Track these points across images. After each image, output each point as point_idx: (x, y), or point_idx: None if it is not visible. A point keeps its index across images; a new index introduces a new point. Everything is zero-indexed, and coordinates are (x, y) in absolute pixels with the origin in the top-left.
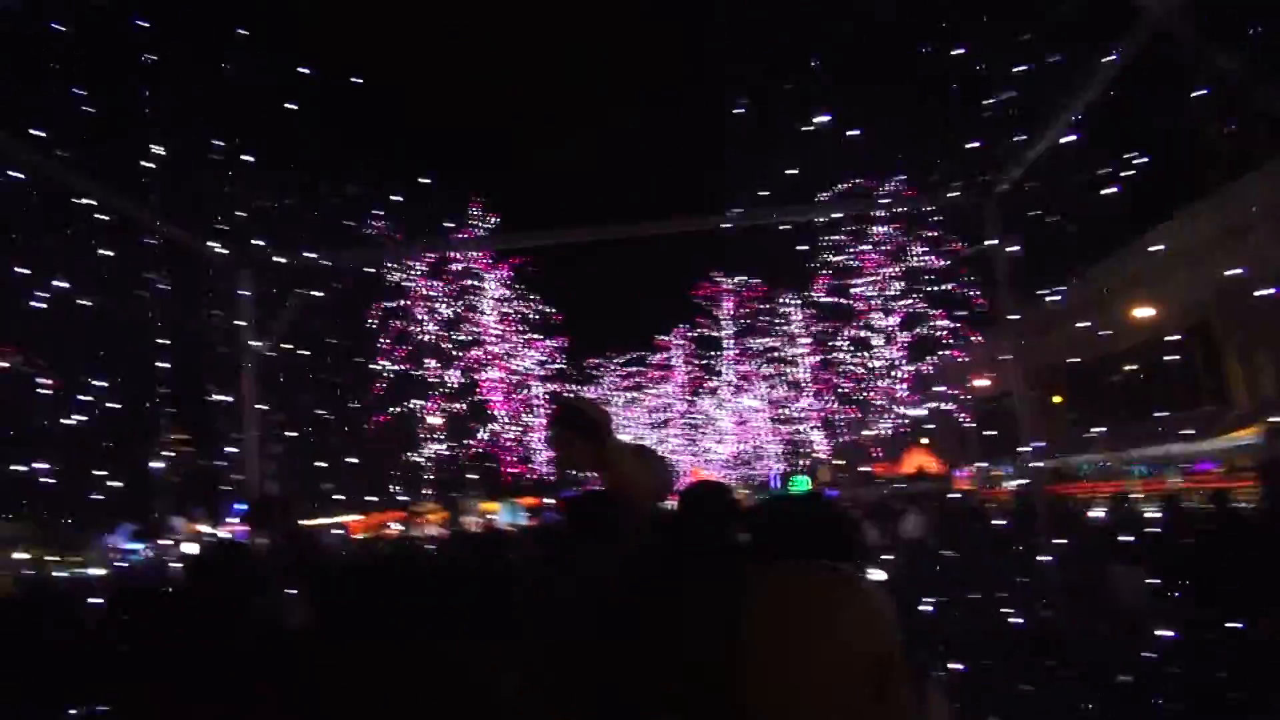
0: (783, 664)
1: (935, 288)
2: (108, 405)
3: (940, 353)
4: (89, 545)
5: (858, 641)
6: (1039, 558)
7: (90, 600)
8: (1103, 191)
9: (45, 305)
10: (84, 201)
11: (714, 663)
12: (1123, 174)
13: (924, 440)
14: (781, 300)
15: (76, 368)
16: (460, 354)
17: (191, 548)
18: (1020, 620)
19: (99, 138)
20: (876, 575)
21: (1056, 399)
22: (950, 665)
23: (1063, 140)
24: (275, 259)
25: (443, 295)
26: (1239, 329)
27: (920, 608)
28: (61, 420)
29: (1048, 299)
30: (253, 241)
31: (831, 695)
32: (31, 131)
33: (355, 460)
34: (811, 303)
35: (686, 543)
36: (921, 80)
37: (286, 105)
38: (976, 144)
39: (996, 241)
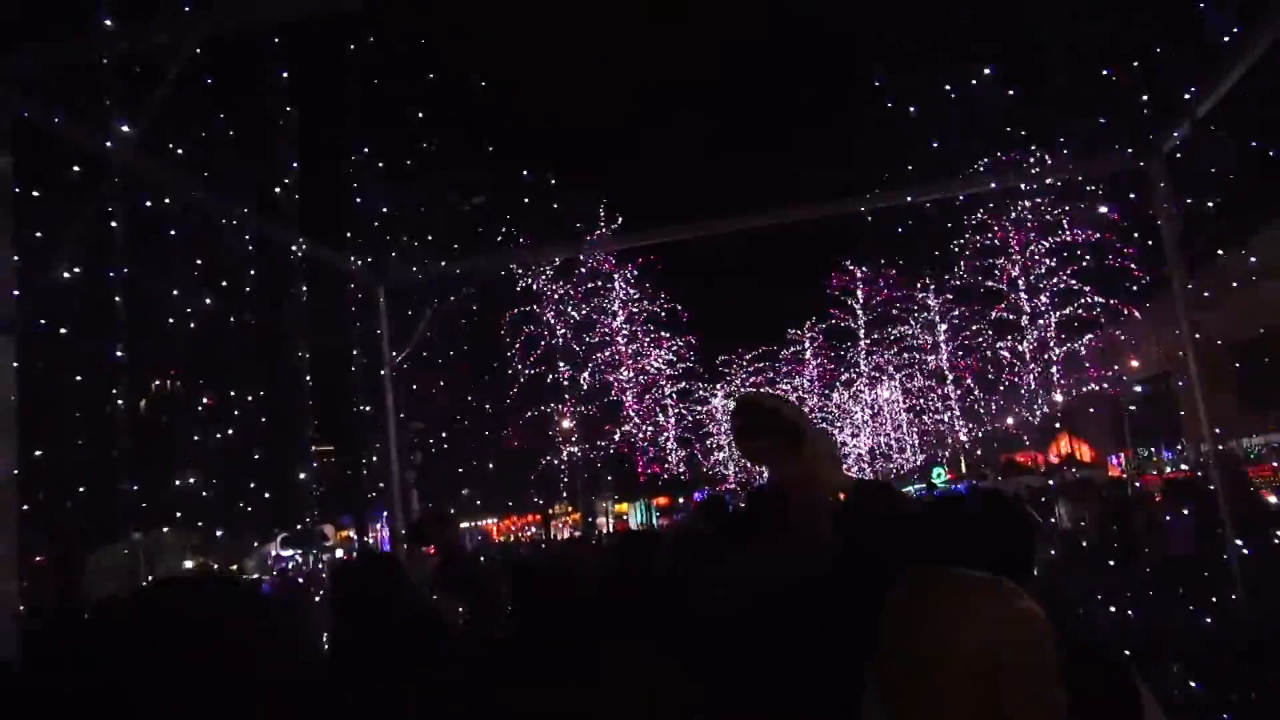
0: (902, 667)
1: (1088, 261)
2: (257, 420)
3: (1093, 332)
4: (248, 554)
5: (966, 646)
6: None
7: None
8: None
9: (193, 324)
10: (227, 221)
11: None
12: None
13: (1071, 426)
14: (919, 286)
15: (226, 385)
16: (591, 355)
17: (340, 554)
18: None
19: (237, 156)
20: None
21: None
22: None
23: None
24: (410, 270)
25: (571, 297)
26: None
27: (1094, 608)
28: (216, 435)
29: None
30: (389, 255)
31: (942, 702)
32: (172, 149)
33: (492, 465)
34: (951, 287)
35: (850, 545)
36: (1071, 32)
37: (408, 115)
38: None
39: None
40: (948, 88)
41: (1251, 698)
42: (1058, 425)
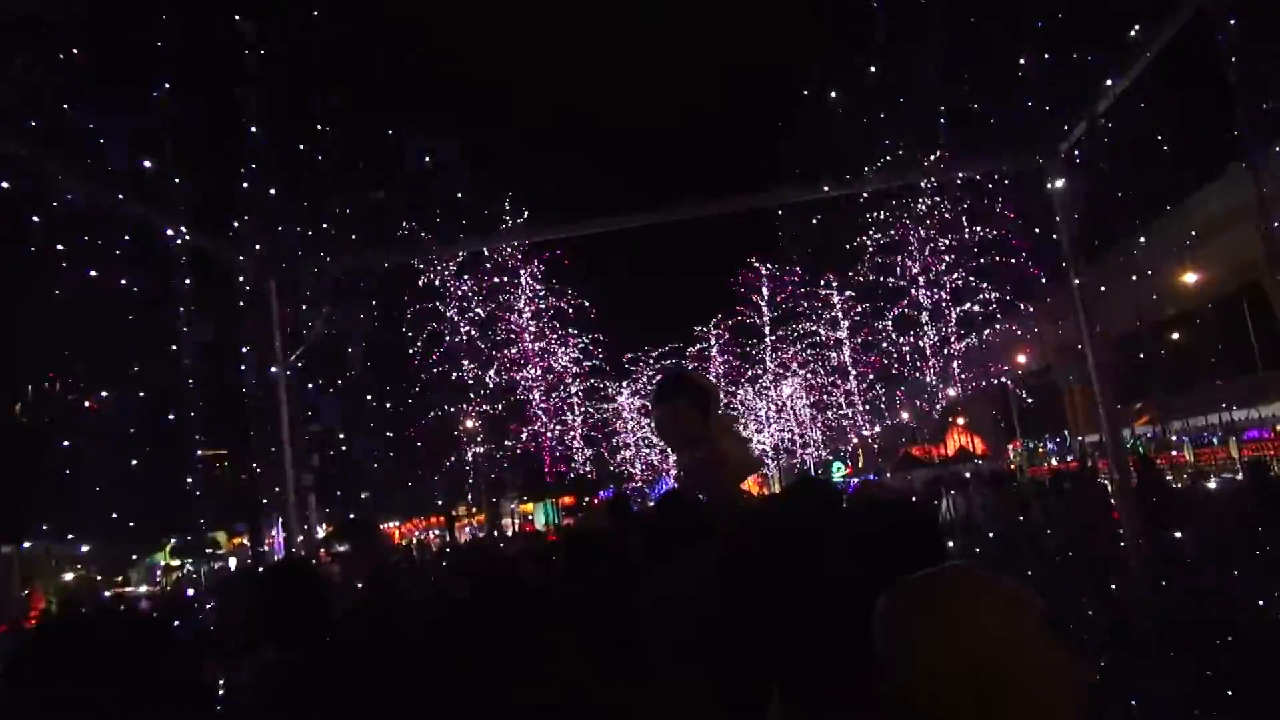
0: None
1: (982, 260)
2: (142, 423)
3: (986, 329)
4: (134, 565)
5: (944, 651)
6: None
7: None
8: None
9: (66, 318)
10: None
11: None
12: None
13: (962, 420)
14: (822, 283)
15: (107, 386)
16: (496, 353)
17: (232, 563)
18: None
19: (115, 137)
20: None
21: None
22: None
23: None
24: (304, 265)
25: (476, 293)
26: None
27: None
28: (99, 441)
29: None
30: (281, 247)
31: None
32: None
33: (394, 467)
34: (852, 284)
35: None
36: (972, 35)
37: (307, 102)
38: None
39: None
40: (852, 85)
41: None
42: (949, 420)
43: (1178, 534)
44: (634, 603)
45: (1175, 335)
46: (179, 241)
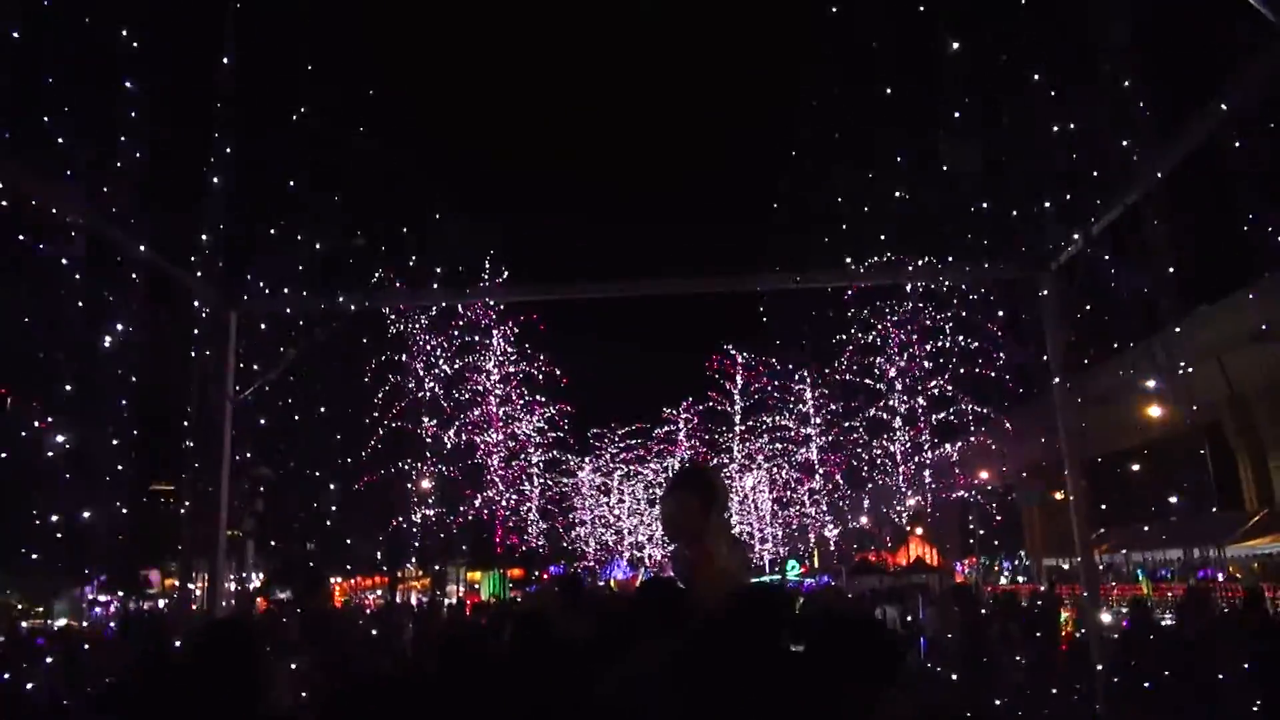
0: None
1: (962, 370)
2: (84, 448)
3: (957, 440)
4: (59, 595)
5: None
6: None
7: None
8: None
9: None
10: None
11: None
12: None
13: (920, 530)
14: (796, 377)
15: (52, 406)
16: (459, 413)
17: (162, 603)
18: None
19: (80, 153)
20: None
21: (1058, 495)
22: None
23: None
24: (268, 298)
25: (444, 349)
26: (1251, 432)
27: None
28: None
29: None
30: (243, 279)
31: None
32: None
33: (340, 521)
34: (827, 381)
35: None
36: (972, 144)
37: (287, 132)
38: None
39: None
40: (847, 176)
41: None
42: (907, 529)
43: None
44: (584, 687)
45: (1136, 467)
46: (136, 260)
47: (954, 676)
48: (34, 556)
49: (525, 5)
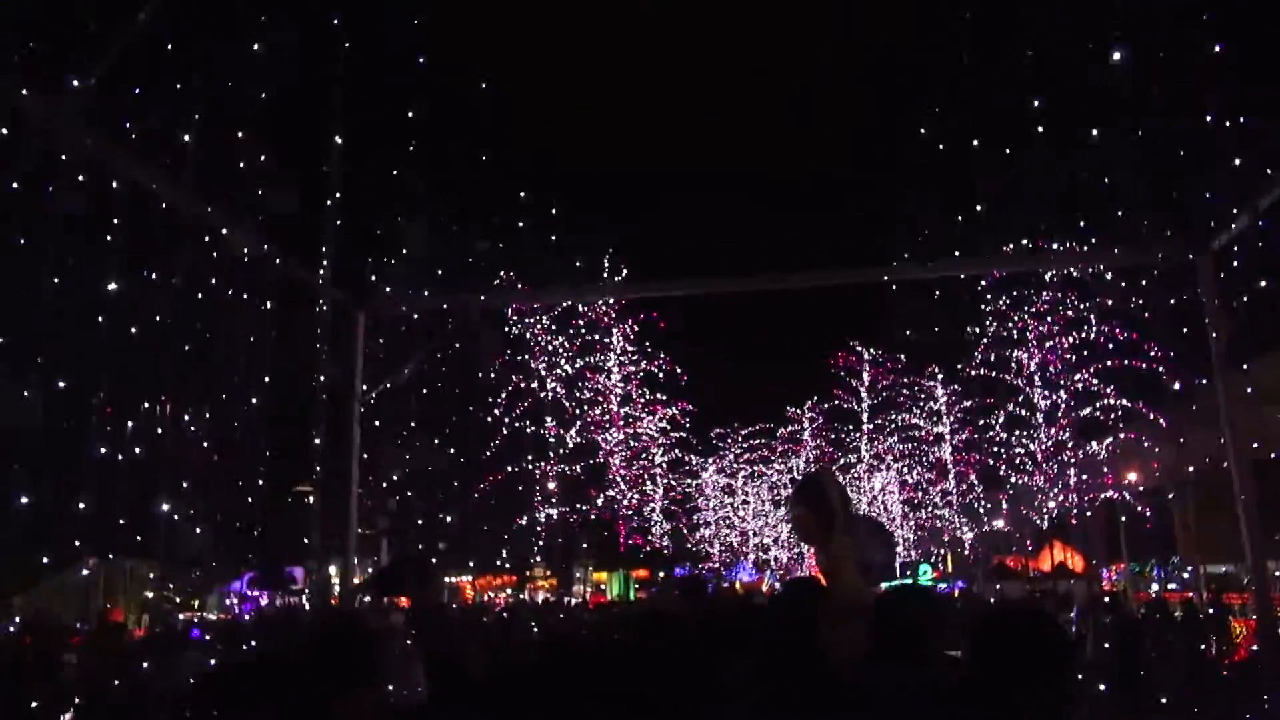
0: None
1: (1108, 362)
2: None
3: (1104, 438)
4: (209, 590)
5: None
6: None
7: None
8: None
9: (164, 335)
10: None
11: None
12: None
13: (1062, 534)
14: (926, 374)
15: (201, 408)
16: (581, 412)
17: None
18: None
19: (216, 164)
20: None
21: (1215, 498)
22: None
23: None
24: (394, 301)
25: (566, 349)
26: None
27: None
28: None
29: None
30: (372, 282)
31: None
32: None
33: (467, 519)
34: (960, 377)
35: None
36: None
37: (413, 136)
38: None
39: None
40: (988, 161)
41: None
42: (1047, 531)
43: None
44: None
45: None
46: (268, 264)
47: (1101, 687)
48: (185, 553)
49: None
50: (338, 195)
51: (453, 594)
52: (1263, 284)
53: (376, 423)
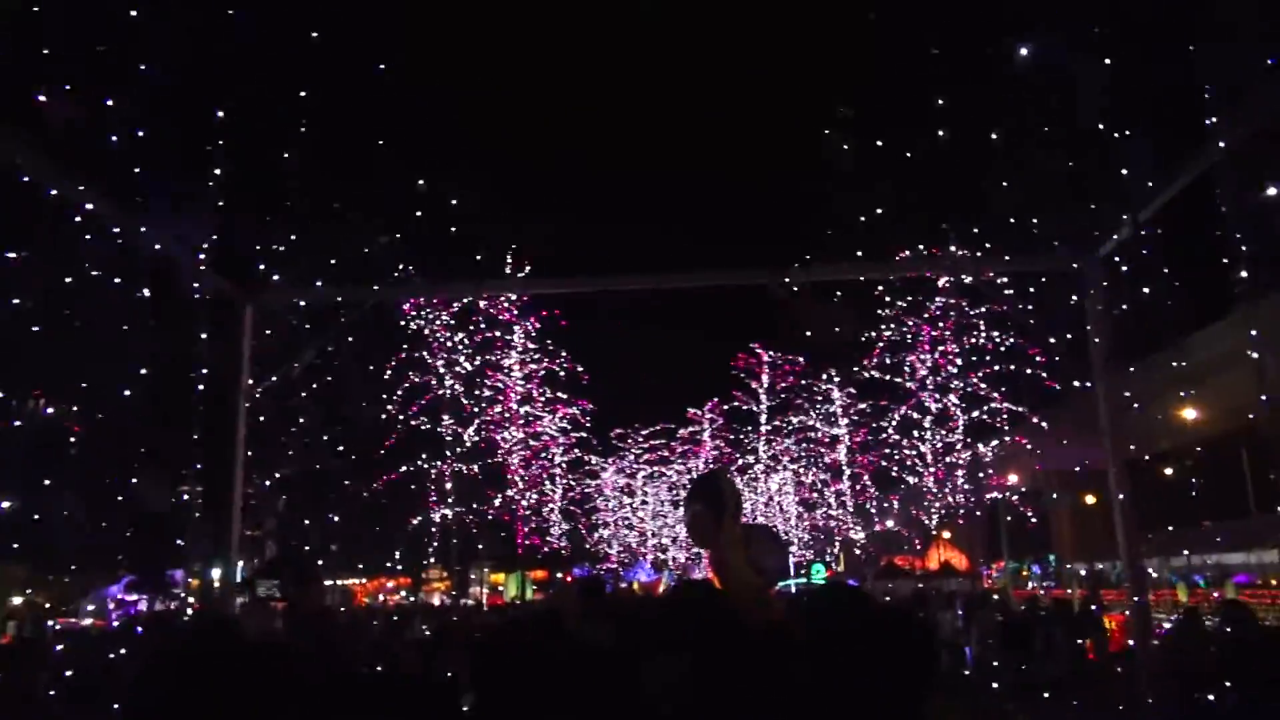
0: None
1: (996, 366)
2: (110, 444)
3: (991, 440)
4: (85, 595)
5: None
6: None
7: None
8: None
9: (44, 334)
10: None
11: None
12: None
13: (947, 534)
14: (824, 376)
15: (77, 401)
16: (480, 410)
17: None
18: None
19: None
20: None
21: (1089, 498)
22: None
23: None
24: (285, 292)
25: (465, 346)
26: None
27: None
28: (63, 460)
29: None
30: (260, 272)
31: None
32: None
33: (359, 520)
34: (856, 380)
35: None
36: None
37: (310, 122)
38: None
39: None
40: (882, 165)
41: None
42: (934, 532)
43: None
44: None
45: (1169, 471)
46: (147, 250)
47: (995, 685)
48: (60, 556)
49: None
50: (221, 178)
51: (345, 597)
52: (1144, 291)
53: (263, 419)
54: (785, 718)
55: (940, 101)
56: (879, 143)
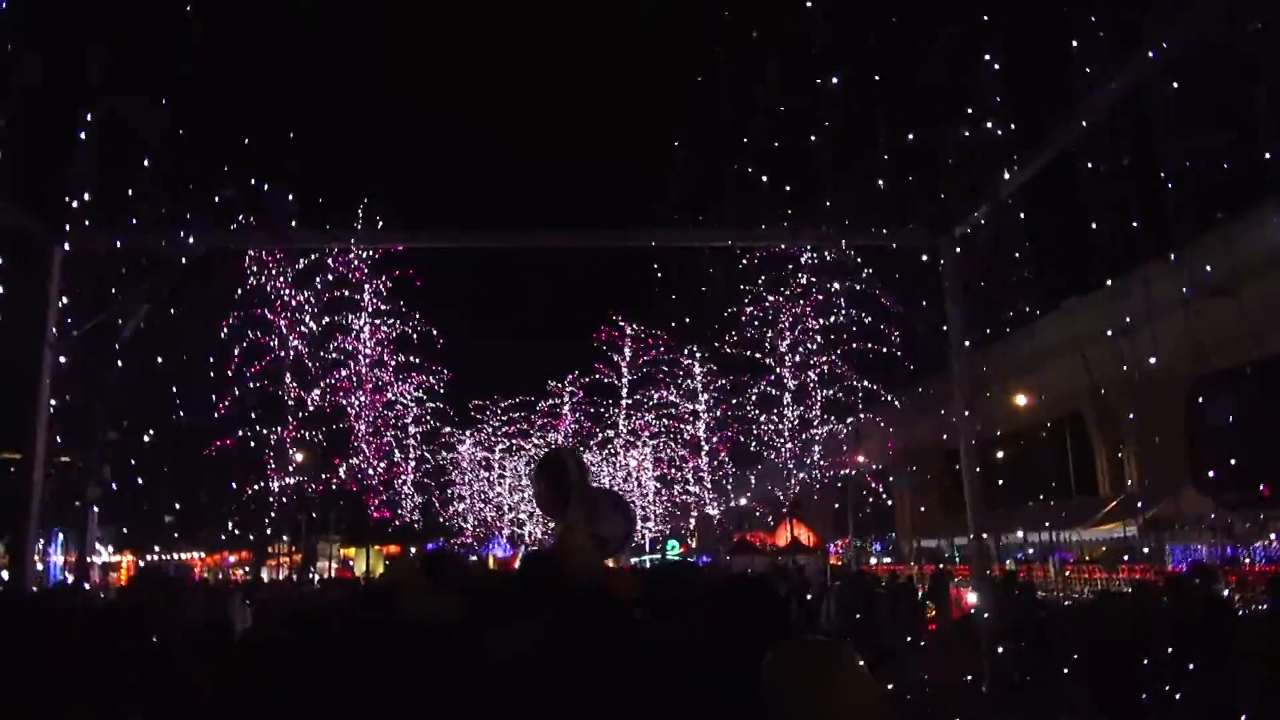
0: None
1: (853, 345)
2: None
3: (846, 418)
4: None
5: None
6: None
7: None
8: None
9: None
10: None
11: None
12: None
13: (798, 511)
14: (685, 351)
15: None
16: (325, 372)
17: None
18: None
19: None
20: None
21: (928, 477)
22: None
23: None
24: (101, 235)
25: (310, 304)
26: (1107, 422)
27: None
28: None
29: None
30: (71, 211)
31: None
32: None
33: (196, 488)
34: (718, 356)
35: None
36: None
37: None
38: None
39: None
40: (746, 135)
41: None
42: (784, 509)
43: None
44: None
45: (1000, 454)
46: None
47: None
48: None
49: None
50: (30, 115)
51: (182, 572)
52: (997, 270)
53: (81, 376)
54: (620, 679)
55: (806, 72)
56: (741, 111)
